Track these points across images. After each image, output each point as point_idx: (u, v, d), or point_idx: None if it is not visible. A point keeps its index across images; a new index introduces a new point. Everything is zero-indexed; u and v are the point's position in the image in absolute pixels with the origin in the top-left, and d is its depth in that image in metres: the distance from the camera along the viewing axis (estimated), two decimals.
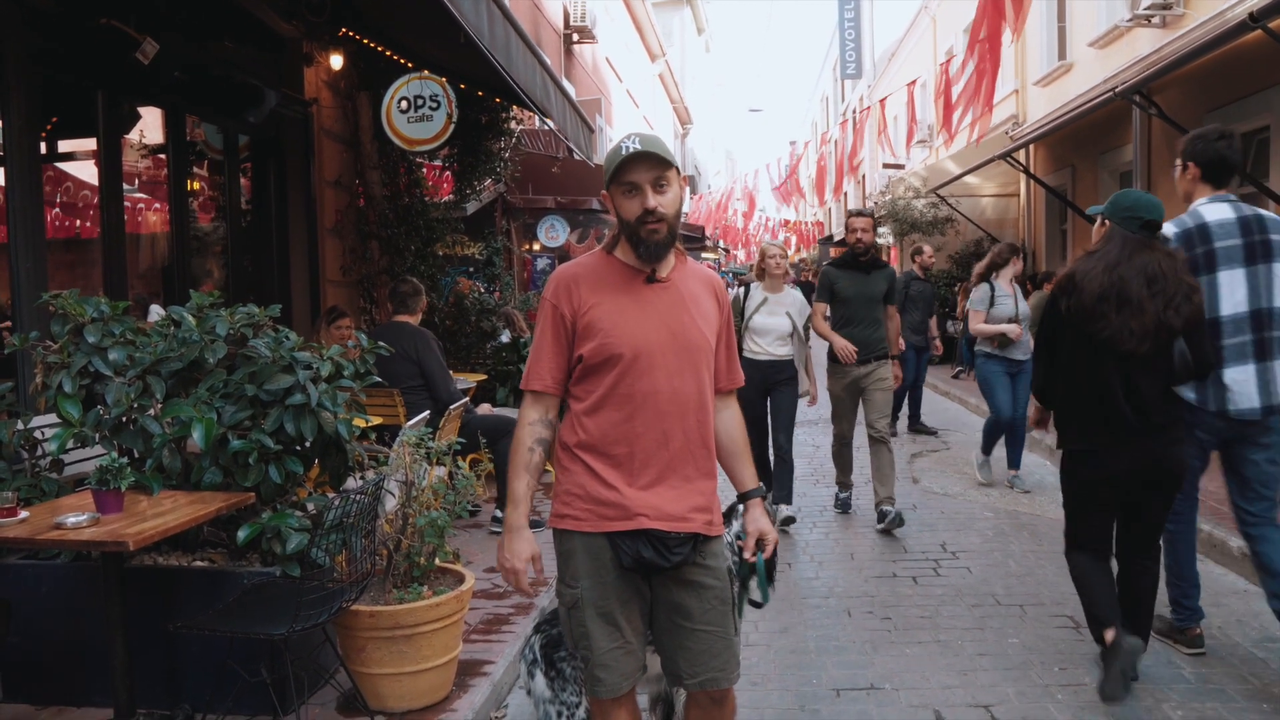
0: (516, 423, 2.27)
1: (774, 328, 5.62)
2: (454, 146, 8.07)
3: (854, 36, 29.06)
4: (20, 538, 2.67)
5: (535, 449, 2.21)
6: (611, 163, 2.14)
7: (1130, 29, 10.54)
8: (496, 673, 3.51)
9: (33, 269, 4.31)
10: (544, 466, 2.26)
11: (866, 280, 5.77)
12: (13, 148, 4.28)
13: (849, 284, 5.76)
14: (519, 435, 2.22)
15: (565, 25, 16.23)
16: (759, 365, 5.54)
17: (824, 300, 5.86)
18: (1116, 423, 3.17)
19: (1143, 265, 3.12)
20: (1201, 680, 3.47)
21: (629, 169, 2.12)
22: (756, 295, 5.69)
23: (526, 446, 2.21)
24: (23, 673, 3.27)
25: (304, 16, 6.33)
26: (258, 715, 3.09)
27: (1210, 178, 3.56)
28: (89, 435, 3.24)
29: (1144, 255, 3.15)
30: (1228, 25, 6.59)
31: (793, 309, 5.66)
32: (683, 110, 34.77)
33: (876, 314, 5.78)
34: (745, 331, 5.63)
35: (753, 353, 5.61)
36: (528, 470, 2.20)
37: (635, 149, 2.10)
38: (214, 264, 6.38)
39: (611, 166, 2.13)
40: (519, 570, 2.18)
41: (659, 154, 2.11)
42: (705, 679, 2.18)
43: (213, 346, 3.37)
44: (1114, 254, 3.18)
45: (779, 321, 5.63)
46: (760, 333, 5.61)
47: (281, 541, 3.18)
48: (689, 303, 2.22)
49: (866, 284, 5.76)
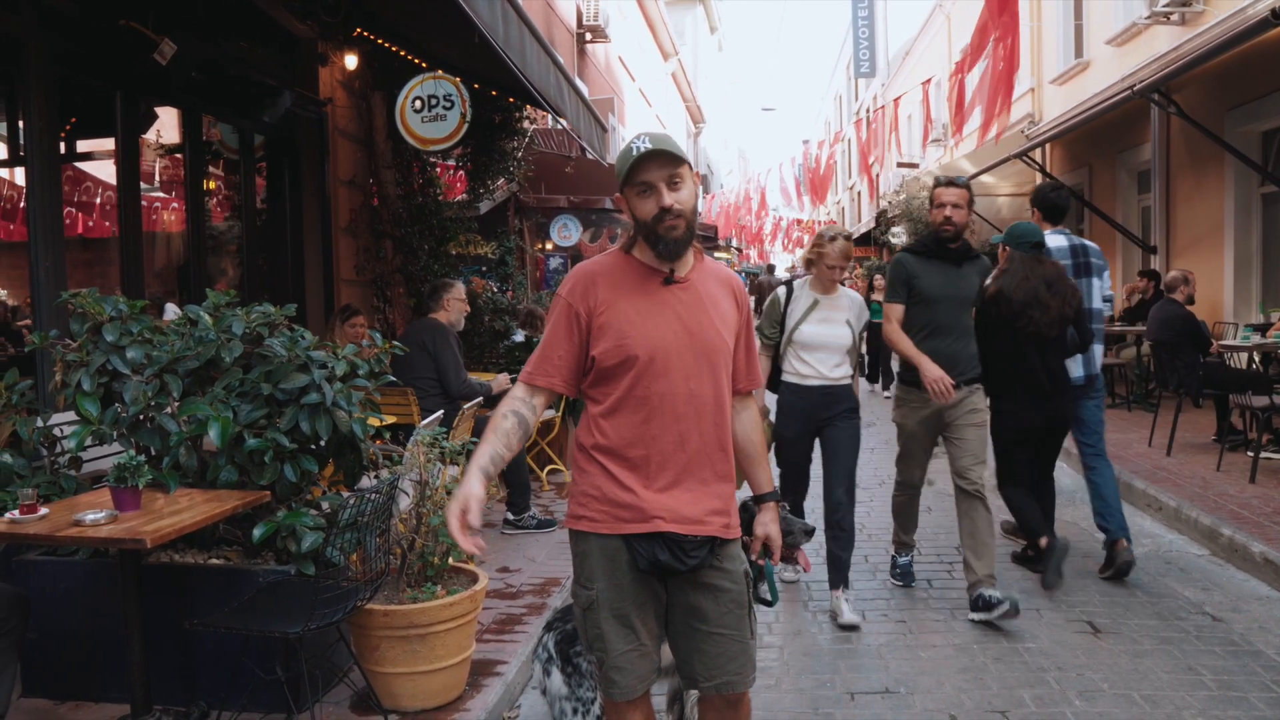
0: (502, 400, 2.25)
1: (831, 341, 4.17)
2: (468, 146, 8.09)
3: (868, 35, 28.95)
4: (40, 534, 2.69)
5: (509, 417, 2.18)
6: (623, 164, 2.12)
7: (1149, 26, 10.46)
8: (509, 672, 3.51)
9: (52, 268, 4.35)
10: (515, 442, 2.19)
11: (957, 276, 4.27)
12: (33, 147, 4.31)
13: (934, 280, 4.25)
14: (499, 407, 2.21)
15: (578, 24, 16.22)
16: (808, 394, 4.20)
17: (898, 299, 4.31)
18: (1036, 389, 4.41)
19: (1043, 275, 4.34)
20: (1224, 687, 3.43)
21: (642, 169, 2.10)
22: (803, 297, 4.23)
23: (501, 413, 2.19)
24: (42, 667, 3.30)
25: (319, 17, 6.36)
26: (272, 713, 3.10)
27: (1048, 218, 5.02)
28: (107, 433, 3.26)
29: (1040, 268, 4.37)
30: (1248, 22, 6.53)
31: (852, 314, 4.23)
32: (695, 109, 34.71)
33: (968, 321, 4.30)
34: (788, 347, 4.22)
35: (800, 376, 4.21)
36: (494, 431, 2.16)
37: (646, 148, 2.08)
38: (229, 263, 6.41)
39: (624, 168, 2.12)
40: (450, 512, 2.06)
41: (671, 151, 2.09)
42: (721, 682, 2.17)
43: (229, 345, 3.38)
44: (1022, 271, 4.35)
45: (837, 333, 4.17)
46: (810, 348, 4.17)
47: (296, 540, 3.19)
48: (707, 303, 2.20)
49: (957, 281, 4.27)
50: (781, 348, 4.25)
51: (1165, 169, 10.61)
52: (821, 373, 4.17)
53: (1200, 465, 6.63)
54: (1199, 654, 3.73)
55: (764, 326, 4.22)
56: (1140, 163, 11.46)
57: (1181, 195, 10.43)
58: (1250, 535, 4.81)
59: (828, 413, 4.21)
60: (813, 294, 4.23)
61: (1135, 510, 5.91)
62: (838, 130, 35.35)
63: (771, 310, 4.33)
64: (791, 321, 4.21)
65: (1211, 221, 9.77)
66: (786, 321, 4.24)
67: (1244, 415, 7.17)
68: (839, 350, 4.17)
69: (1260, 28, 6.28)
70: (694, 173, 2.19)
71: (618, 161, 2.16)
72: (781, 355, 4.28)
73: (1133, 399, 9.65)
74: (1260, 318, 8.85)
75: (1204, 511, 5.31)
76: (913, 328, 4.28)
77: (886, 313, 4.37)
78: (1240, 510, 5.35)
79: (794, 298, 4.25)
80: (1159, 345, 7.28)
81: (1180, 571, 4.77)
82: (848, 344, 4.19)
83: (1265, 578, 4.53)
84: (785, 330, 4.23)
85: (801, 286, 4.28)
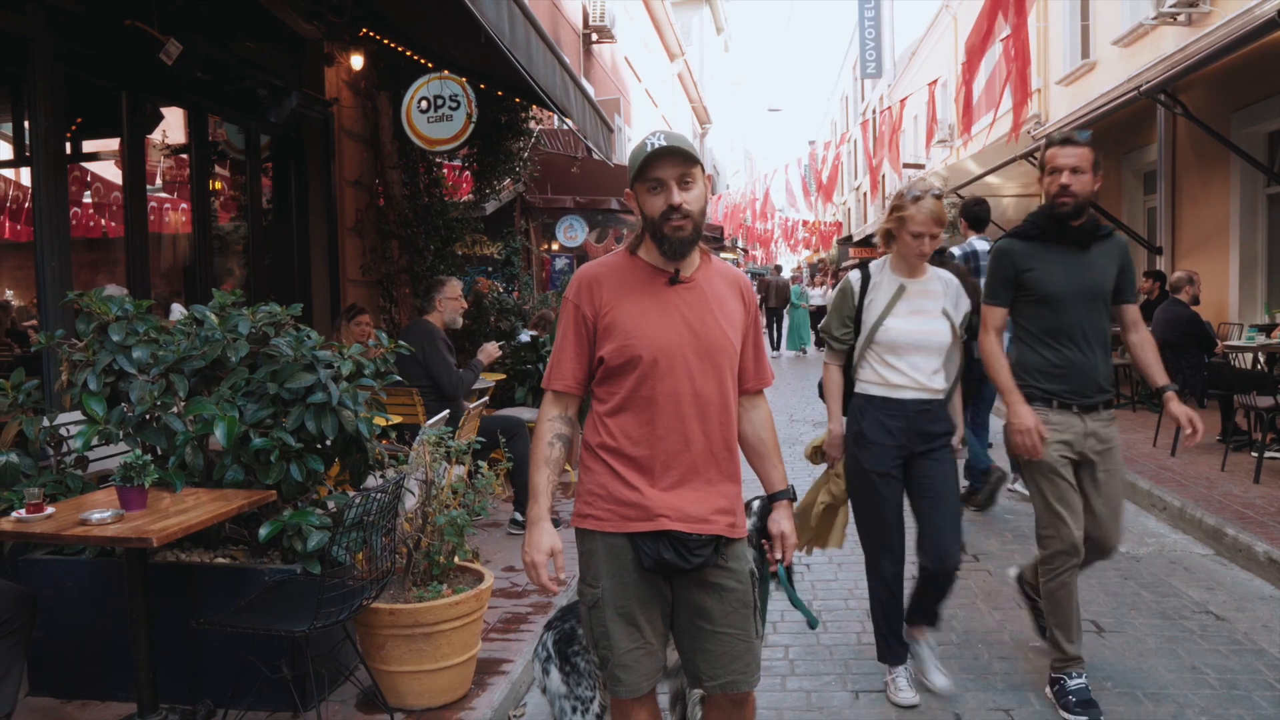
0: (537, 419, 2.27)
1: (926, 339, 3.22)
2: (473, 146, 8.09)
3: (874, 35, 28.91)
4: (46, 533, 2.70)
5: (555, 444, 2.20)
6: (636, 159, 2.12)
7: (1155, 27, 10.44)
8: (515, 671, 3.52)
9: (58, 267, 4.36)
10: (564, 464, 2.25)
11: (1083, 263, 3.24)
12: (39, 148, 4.33)
13: (1053, 271, 3.24)
14: (539, 430, 2.23)
15: (584, 25, 16.24)
16: (902, 410, 3.22)
17: (999, 301, 3.35)
18: None
19: None
20: (1228, 686, 3.42)
21: (654, 165, 2.11)
22: (885, 283, 3.30)
23: (546, 441, 2.21)
24: (49, 666, 3.31)
25: (325, 17, 6.37)
26: (278, 711, 3.11)
27: (973, 227, 6.26)
28: (113, 432, 3.28)
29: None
30: (1255, 23, 6.51)
31: (949, 301, 3.29)
32: (701, 110, 34.72)
33: (1103, 323, 3.27)
34: (867, 350, 3.28)
35: (888, 386, 3.24)
36: (547, 464, 2.19)
37: (661, 144, 2.09)
38: (235, 263, 6.43)
39: (636, 163, 2.12)
40: (539, 564, 2.15)
41: (685, 150, 2.10)
42: (726, 681, 2.17)
43: (235, 345, 3.39)
44: None
45: (933, 328, 3.23)
46: (901, 349, 3.22)
47: (302, 539, 3.20)
48: (713, 303, 2.20)
49: (1084, 270, 3.24)
50: (858, 352, 3.31)
51: (1171, 170, 10.59)
52: (918, 380, 3.21)
53: (1205, 465, 6.61)
54: (1203, 653, 3.73)
55: (832, 326, 3.39)
56: (1146, 163, 11.44)
57: (1187, 196, 10.41)
58: (1254, 535, 4.80)
59: (926, 437, 3.23)
60: (896, 277, 3.28)
61: (1139, 510, 5.91)
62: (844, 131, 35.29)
63: (842, 304, 3.38)
64: (872, 316, 3.26)
65: (1217, 222, 9.75)
66: (864, 316, 3.29)
67: (1248, 416, 7.16)
68: (937, 350, 3.24)
69: (1267, 28, 6.26)
70: (706, 176, 2.20)
71: (631, 156, 2.17)
72: (858, 361, 3.32)
73: (1137, 399, 9.63)
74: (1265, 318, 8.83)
75: (1208, 511, 5.30)
76: (1029, 336, 3.31)
77: (984, 317, 3.40)
78: (1244, 510, 5.33)
79: (872, 285, 3.31)
80: (1164, 346, 7.25)
81: (1184, 571, 4.76)
82: (946, 341, 3.25)
83: (1269, 577, 4.52)
84: (864, 328, 3.28)
85: (880, 269, 3.34)
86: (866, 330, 3.28)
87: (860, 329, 3.31)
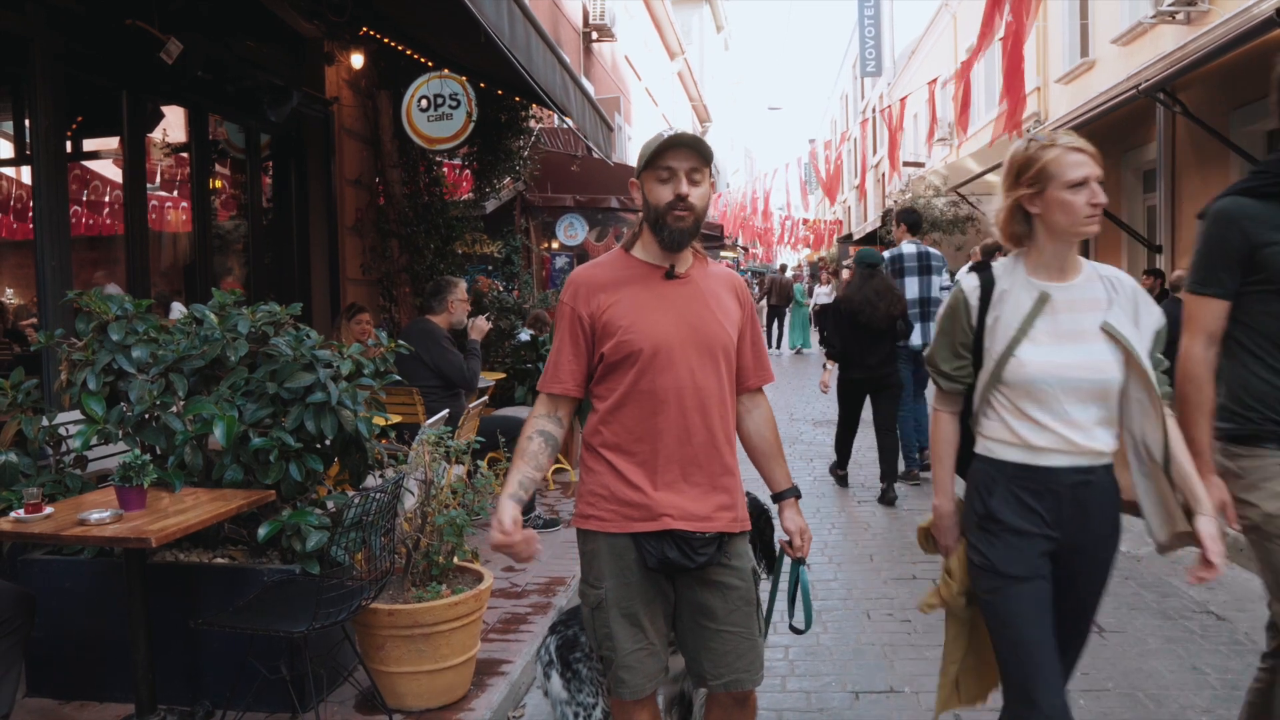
0: (528, 416, 2.27)
1: (1081, 376, 2.13)
2: (473, 145, 8.08)
3: (874, 34, 28.89)
4: (45, 533, 2.69)
5: (534, 438, 2.21)
6: (650, 146, 2.15)
7: (1154, 26, 10.43)
8: (514, 672, 3.51)
9: (58, 266, 4.36)
10: (545, 460, 2.23)
11: None
12: (39, 147, 4.33)
13: None
14: (524, 427, 2.25)
15: (584, 23, 16.22)
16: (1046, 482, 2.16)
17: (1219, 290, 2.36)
18: (863, 361, 6.48)
19: (874, 286, 6.40)
20: (1229, 686, 3.42)
21: (668, 154, 2.13)
22: (1018, 291, 2.22)
23: (526, 435, 2.22)
24: (47, 667, 3.31)
25: (325, 16, 6.36)
26: (277, 712, 3.10)
27: (910, 231, 7.19)
28: (112, 432, 3.27)
29: (873, 281, 6.43)
30: (1254, 21, 6.50)
31: (1119, 312, 2.17)
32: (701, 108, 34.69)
33: None
34: (992, 392, 2.21)
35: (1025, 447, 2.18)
36: (521, 456, 2.20)
37: (678, 134, 2.13)
38: (235, 262, 6.43)
39: (649, 150, 2.15)
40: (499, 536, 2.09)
41: (700, 147, 2.14)
42: (729, 680, 2.17)
43: (234, 344, 3.39)
44: (860, 283, 6.47)
45: (1093, 359, 2.14)
46: (1041, 393, 2.15)
47: (301, 539, 3.19)
48: (708, 298, 2.22)
49: None
50: (979, 395, 2.25)
51: (1170, 168, 10.58)
52: (1071, 439, 2.13)
53: None
54: (1204, 653, 3.72)
55: (939, 357, 2.31)
56: (1145, 162, 11.43)
57: (1187, 194, 10.40)
58: None
59: (1085, 527, 2.18)
60: (1034, 282, 2.19)
61: None
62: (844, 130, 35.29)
63: (952, 325, 2.28)
64: (998, 343, 2.18)
65: None
66: (986, 342, 2.22)
67: None
68: (1099, 393, 2.13)
69: (1265, 27, 6.25)
70: (712, 180, 2.21)
71: (645, 145, 2.19)
72: (979, 408, 2.26)
73: None
74: None
75: None
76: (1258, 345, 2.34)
77: (1191, 315, 2.39)
78: None
79: (997, 296, 2.22)
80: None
81: (1185, 571, 4.75)
82: (1114, 379, 2.13)
83: None
84: (986, 360, 2.21)
85: (1009, 271, 2.24)
86: (991, 364, 2.19)
87: (983, 361, 2.23)
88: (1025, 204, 2.20)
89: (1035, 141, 2.20)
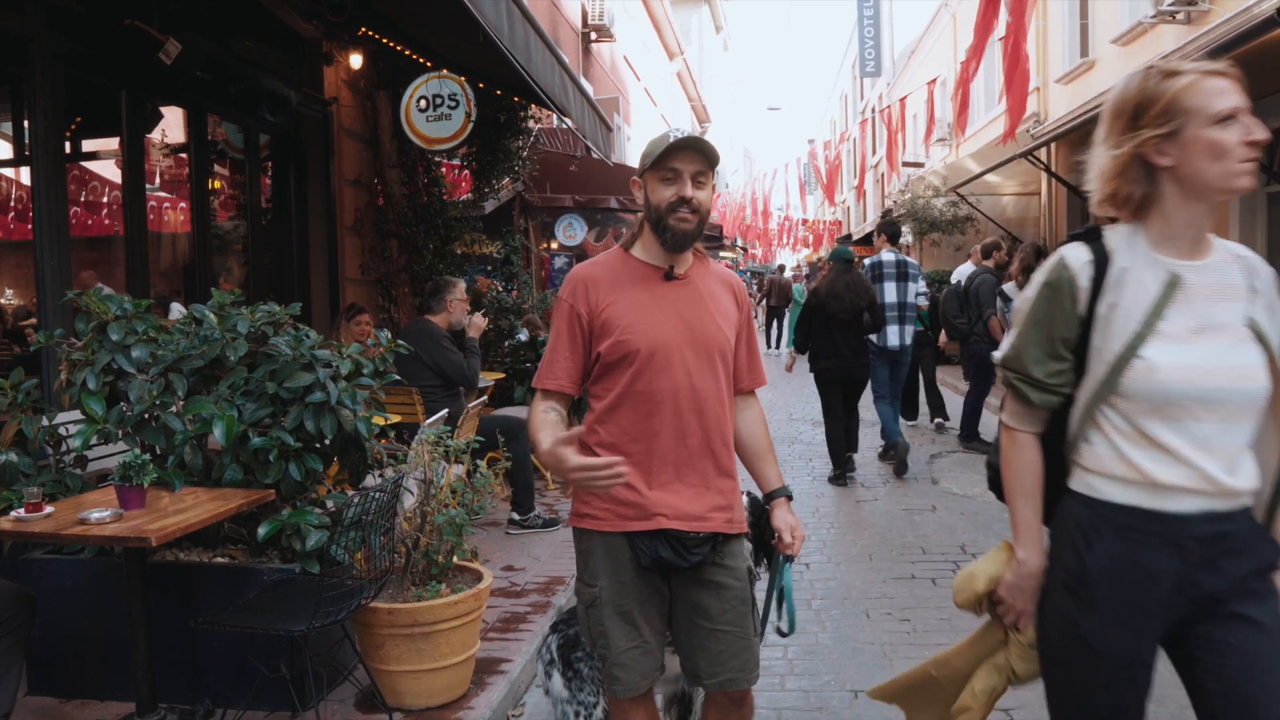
0: (529, 414, 2.26)
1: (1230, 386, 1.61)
2: (472, 145, 8.10)
3: (873, 34, 28.89)
4: (45, 533, 2.70)
5: (548, 411, 2.18)
6: (656, 147, 2.14)
7: (1154, 26, 10.44)
8: (514, 671, 3.52)
9: (58, 267, 4.36)
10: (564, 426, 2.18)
11: None
12: (38, 147, 4.33)
13: None
14: (533, 416, 2.20)
15: (583, 24, 16.22)
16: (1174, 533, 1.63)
17: None
18: (835, 352, 6.85)
19: (846, 280, 6.85)
20: None
21: (675, 155, 2.13)
22: (1141, 269, 1.67)
23: (540, 411, 2.19)
24: (47, 665, 3.31)
25: (324, 16, 6.37)
26: (277, 710, 3.11)
27: (890, 241, 7.66)
28: (112, 432, 3.28)
29: (846, 275, 6.89)
30: (1254, 21, 6.50)
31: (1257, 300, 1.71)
32: (701, 109, 34.70)
33: None
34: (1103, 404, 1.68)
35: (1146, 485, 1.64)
36: (544, 425, 2.14)
37: (686, 136, 2.12)
38: (235, 262, 6.43)
39: (655, 150, 2.14)
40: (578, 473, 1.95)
41: (707, 150, 2.14)
42: (724, 679, 2.18)
43: (234, 344, 3.39)
44: (834, 277, 6.93)
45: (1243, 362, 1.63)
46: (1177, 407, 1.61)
47: (301, 538, 3.20)
48: (706, 299, 2.22)
49: None
50: (1080, 410, 1.74)
51: None
52: (1209, 473, 1.63)
53: None
54: None
55: (1027, 357, 1.76)
56: None
57: None
58: None
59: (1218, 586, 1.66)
60: (1162, 259, 1.70)
61: None
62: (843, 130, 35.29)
63: (1050, 310, 1.74)
64: (1116, 338, 1.68)
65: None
66: (1095, 339, 1.71)
67: None
68: (1248, 406, 1.66)
69: (1265, 27, 6.25)
70: (713, 184, 2.22)
71: (649, 144, 2.18)
72: (1079, 430, 1.74)
73: None
74: None
75: None
76: None
77: None
78: None
79: (1115, 276, 1.69)
80: None
81: None
82: (1264, 390, 1.66)
83: None
84: (1096, 361, 1.70)
85: (1127, 245, 1.72)
86: (1104, 368, 1.68)
87: (1089, 364, 1.71)
88: (1150, 154, 1.65)
89: (1153, 69, 1.70)
